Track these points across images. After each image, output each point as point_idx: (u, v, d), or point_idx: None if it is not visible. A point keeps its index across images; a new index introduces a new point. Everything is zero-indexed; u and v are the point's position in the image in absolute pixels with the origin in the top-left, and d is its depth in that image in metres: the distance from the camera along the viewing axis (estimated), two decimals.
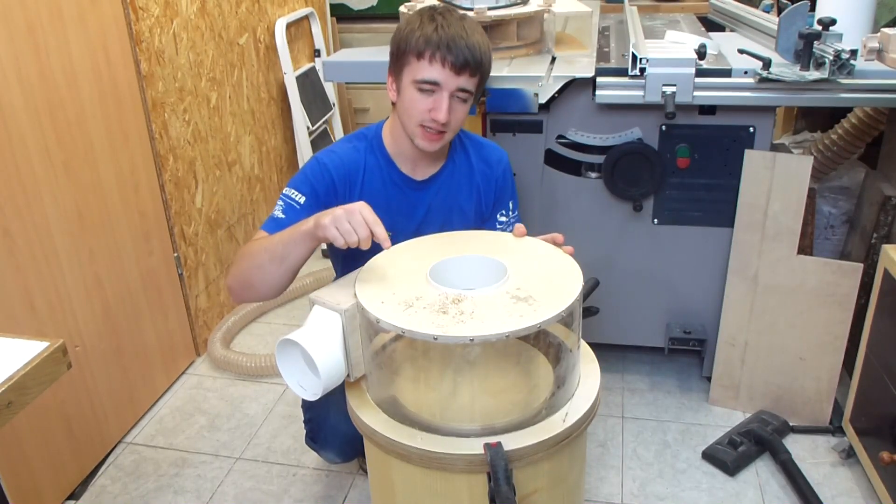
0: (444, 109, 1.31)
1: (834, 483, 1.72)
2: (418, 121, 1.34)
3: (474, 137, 1.55)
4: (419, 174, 1.46)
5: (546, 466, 1.12)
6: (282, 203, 1.37)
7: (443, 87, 1.31)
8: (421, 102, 1.32)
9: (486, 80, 1.39)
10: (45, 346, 0.95)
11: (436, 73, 1.30)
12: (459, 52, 1.28)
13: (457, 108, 1.34)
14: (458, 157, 1.50)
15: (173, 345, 2.20)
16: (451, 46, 1.28)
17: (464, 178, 1.50)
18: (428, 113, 1.32)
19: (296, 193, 1.36)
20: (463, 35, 1.30)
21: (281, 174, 2.88)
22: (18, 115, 1.58)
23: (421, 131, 1.35)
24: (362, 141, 1.45)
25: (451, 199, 1.49)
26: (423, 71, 1.30)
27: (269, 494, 1.77)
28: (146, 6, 1.98)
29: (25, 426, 1.63)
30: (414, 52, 1.30)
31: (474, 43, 1.31)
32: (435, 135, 1.35)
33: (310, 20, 3.09)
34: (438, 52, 1.28)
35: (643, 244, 1.92)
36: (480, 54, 1.32)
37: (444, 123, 1.33)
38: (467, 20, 1.34)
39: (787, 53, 1.70)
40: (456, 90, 1.32)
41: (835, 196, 2.19)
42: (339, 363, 1.14)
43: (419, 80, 1.31)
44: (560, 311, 1.05)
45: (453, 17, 1.33)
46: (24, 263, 1.61)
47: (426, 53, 1.29)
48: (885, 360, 1.58)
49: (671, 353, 2.09)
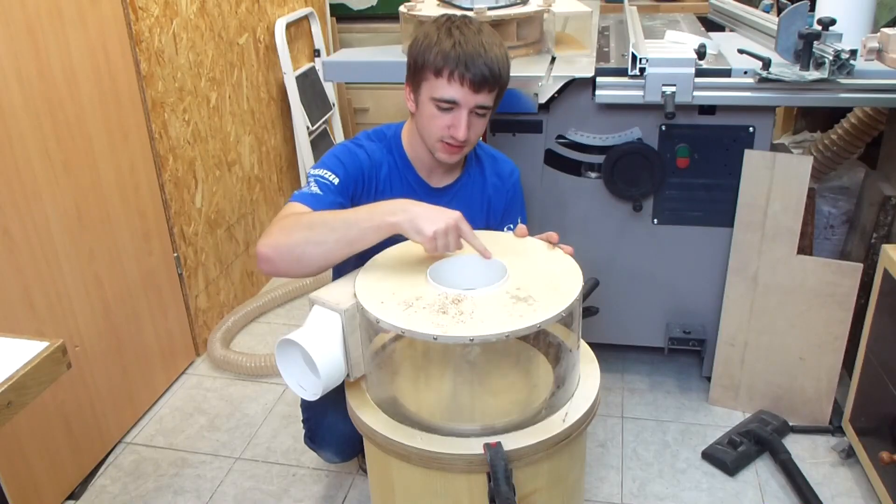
0: (464, 127, 1.30)
1: (834, 483, 1.72)
2: (438, 136, 1.34)
3: (489, 150, 1.55)
4: (435, 181, 1.46)
5: (546, 466, 1.12)
6: (313, 181, 1.33)
7: (462, 106, 1.30)
8: (440, 119, 1.32)
9: (504, 90, 1.37)
10: (44, 345, 0.95)
11: (454, 91, 1.28)
12: (478, 69, 1.26)
13: (475, 123, 1.34)
14: (472, 170, 1.50)
15: (173, 345, 2.20)
16: (470, 65, 1.26)
17: (476, 190, 1.50)
18: (447, 129, 1.32)
19: (328, 173, 1.33)
20: (482, 52, 1.27)
21: (281, 174, 2.88)
22: (18, 115, 1.58)
23: (441, 146, 1.35)
24: (382, 140, 1.45)
25: (462, 210, 1.49)
26: (441, 89, 1.29)
27: (268, 494, 1.77)
28: (146, 6, 1.98)
29: (25, 426, 1.63)
30: (432, 69, 1.28)
31: (493, 58, 1.28)
32: (455, 148, 1.35)
33: (309, 20, 3.09)
34: (457, 71, 1.26)
35: (643, 244, 1.92)
36: (500, 69, 1.29)
37: (463, 140, 1.32)
38: (485, 32, 1.31)
39: (787, 53, 1.70)
40: (475, 107, 1.31)
41: (834, 196, 2.19)
42: (338, 363, 1.14)
43: (438, 97, 1.29)
44: (560, 311, 1.05)
45: (471, 30, 1.30)
46: (24, 263, 1.61)
47: (444, 71, 1.27)
48: (884, 359, 1.58)
49: (671, 353, 2.09)
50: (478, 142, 1.49)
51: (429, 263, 1.18)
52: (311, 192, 1.30)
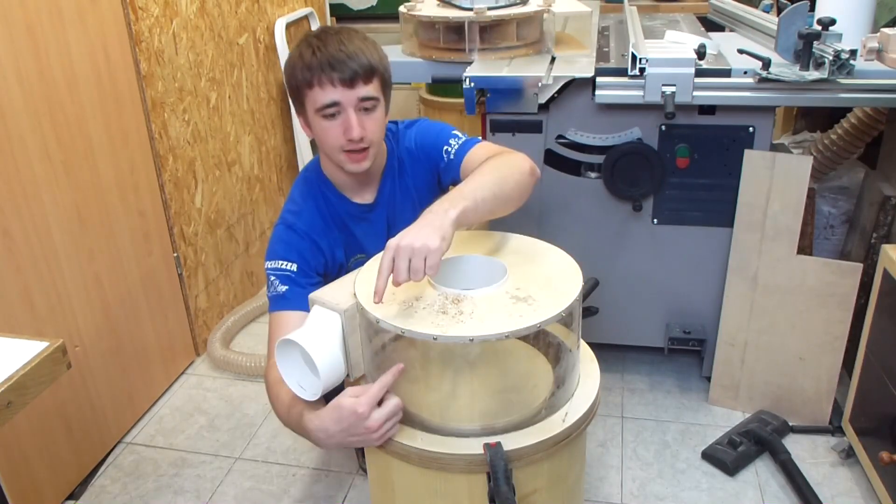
0: (355, 125, 1.29)
1: (833, 483, 1.72)
2: (338, 147, 1.32)
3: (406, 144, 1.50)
4: (367, 196, 1.46)
5: (546, 466, 1.12)
6: (275, 278, 1.36)
7: (344, 104, 1.29)
8: (333, 129, 1.31)
9: (387, 80, 1.36)
10: (44, 346, 0.95)
11: (330, 94, 1.28)
12: (343, 66, 1.26)
13: (368, 119, 1.32)
14: (389, 159, 1.48)
15: (173, 345, 2.20)
16: (334, 63, 1.26)
17: (406, 167, 1.48)
18: (343, 136, 1.31)
19: (284, 263, 1.36)
20: (341, 48, 1.27)
21: (280, 174, 2.88)
22: (18, 116, 1.58)
23: (345, 156, 1.33)
24: (311, 186, 1.45)
25: (405, 196, 1.48)
26: (318, 97, 1.28)
27: (268, 494, 1.77)
28: (146, 6, 1.98)
29: (25, 426, 1.63)
30: (305, 84, 1.29)
31: (354, 51, 1.28)
32: (359, 154, 1.33)
33: (309, 20, 3.09)
34: (324, 75, 1.26)
35: (643, 244, 1.92)
36: (367, 58, 1.29)
37: (360, 139, 1.31)
38: (344, 32, 1.32)
39: (787, 53, 1.70)
40: (358, 102, 1.29)
41: (834, 196, 2.19)
42: (338, 363, 1.14)
43: (319, 106, 1.29)
44: (559, 311, 1.05)
45: (328, 35, 1.30)
46: (24, 263, 1.61)
47: (314, 80, 1.27)
48: (884, 360, 1.59)
49: (671, 353, 2.09)
50: (388, 131, 1.47)
51: None
52: (279, 295, 1.34)
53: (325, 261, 1.41)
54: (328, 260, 1.42)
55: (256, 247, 2.66)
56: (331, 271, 1.43)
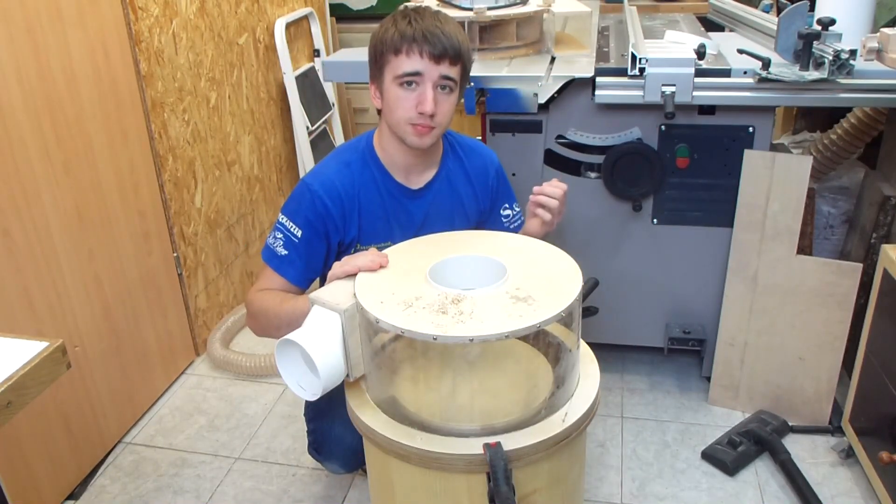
0: (430, 100, 1.29)
1: (833, 483, 1.72)
2: (406, 118, 1.32)
3: (462, 140, 1.54)
4: (414, 182, 1.44)
5: (545, 466, 1.12)
6: (280, 236, 1.37)
7: (425, 78, 1.29)
8: (406, 99, 1.31)
9: (468, 71, 1.37)
10: (44, 346, 0.95)
11: (416, 63, 1.28)
12: (437, 40, 1.27)
13: (443, 100, 1.32)
14: (450, 162, 1.48)
15: (173, 345, 2.20)
16: (428, 36, 1.27)
17: (460, 180, 1.49)
18: (415, 108, 1.31)
19: (292, 225, 1.37)
20: (438, 25, 1.29)
21: (280, 174, 2.88)
22: (18, 115, 1.58)
23: (411, 128, 1.33)
24: (354, 153, 1.43)
25: (450, 203, 1.48)
26: (402, 65, 1.29)
27: (268, 494, 1.77)
28: (146, 6, 1.98)
29: (25, 426, 1.63)
30: (392, 50, 1.29)
31: (450, 31, 1.30)
32: (425, 129, 1.33)
33: (309, 20, 3.09)
34: (416, 44, 1.27)
35: (643, 244, 1.93)
36: (458, 42, 1.30)
37: (431, 116, 1.31)
38: (441, 14, 1.33)
39: (787, 53, 1.70)
40: (439, 79, 1.30)
41: (834, 196, 2.19)
42: (338, 363, 1.13)
43: (400, 74, 1.29)
44: (559, 311, 1.05)
45: (427, 12, 1.32)
46: (24, 263, 1.61)
47: (403, 47, 1.28)
48: (884, 360, 1.59)
49: (670, 353, 2.10)
50: (449, 134, 1.48)
51: (429, 264, 1.18)
52: (277, 255, 1.37)
53: (335, 225, 1.39)
54: (339, 226, 1.40)
55: (256, 247, 2.66)
56: (343, 239, 1.41)
